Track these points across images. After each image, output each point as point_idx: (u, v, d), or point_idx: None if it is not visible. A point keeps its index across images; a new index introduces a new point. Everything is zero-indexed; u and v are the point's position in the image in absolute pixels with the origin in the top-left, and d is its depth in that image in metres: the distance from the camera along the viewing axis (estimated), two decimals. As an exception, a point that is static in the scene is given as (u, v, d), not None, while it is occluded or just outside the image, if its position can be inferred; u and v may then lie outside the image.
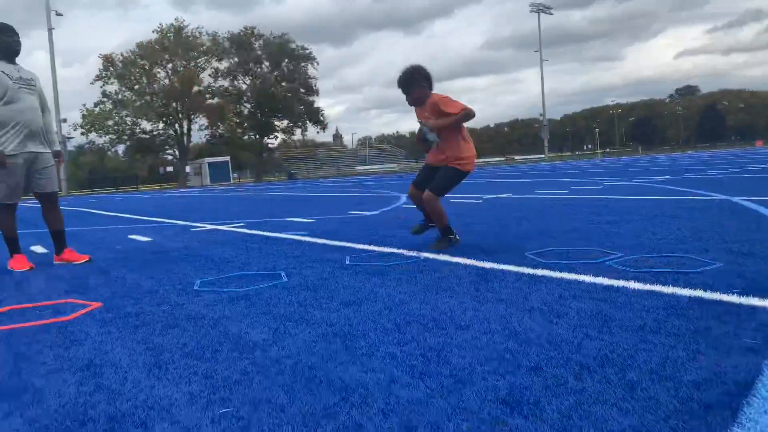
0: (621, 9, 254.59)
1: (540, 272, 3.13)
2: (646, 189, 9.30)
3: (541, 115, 60.94)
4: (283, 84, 55.83)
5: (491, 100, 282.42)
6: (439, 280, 3.12)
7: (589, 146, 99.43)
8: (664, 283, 2.71)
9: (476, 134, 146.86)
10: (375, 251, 4.26)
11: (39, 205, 4.77)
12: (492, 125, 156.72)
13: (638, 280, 2.81)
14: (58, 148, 4.80)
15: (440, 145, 4.13)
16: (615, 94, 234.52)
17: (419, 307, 2.56)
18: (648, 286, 2.67)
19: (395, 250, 4.20)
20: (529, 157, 75.39)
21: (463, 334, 2.13)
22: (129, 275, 3.91)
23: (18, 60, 4.58)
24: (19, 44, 4.49)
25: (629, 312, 2.29)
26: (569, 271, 3.10)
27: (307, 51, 57.61)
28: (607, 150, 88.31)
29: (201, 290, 3.24)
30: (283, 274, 3.56)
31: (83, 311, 2.87)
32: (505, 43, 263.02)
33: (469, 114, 4.02)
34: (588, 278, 2.91)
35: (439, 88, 4.31)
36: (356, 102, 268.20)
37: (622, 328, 2.09)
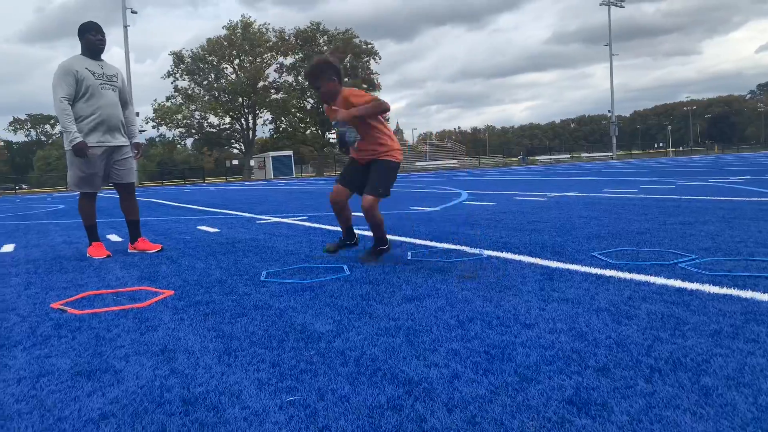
0: (698, 1, 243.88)
1: (608, 273, 3.05)
2: (723, 190, 8.88)
3: (609, 111, 59.00)
4: (346, 79, 56.34)
5: (557, 95, 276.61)
6: (502, 278, 3.09)
7: (661, 144, 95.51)
8: (743, 288, 2.59)
9: (540, 130, 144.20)
10: (437, 247, 4.26)
11: (112, 196, 5.00)
12: (558, 121, 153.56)
13: (714, 283, 2.70)
14: (138, 140, 5.01)
15: (362, 142, 3.76)
16: (689, 90, 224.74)
17: (482, 305, 2.54)
18: (725, 290, 2.56)
19: (457, 247, 4.18)
20: (596, 154, 73.22)
21: (527, 333, 2.10)
22: (198, 264, 4.05)
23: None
24: (103, 42, 4.70)
25: (704, 316, 2.20)
26: (639, 273, 3.01)
27: (370, 46, 57.95)
28: (680, 148, 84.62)
29: (267, 281, 3.33)
30: (345, 267, 3.61)
31: (157, 299, 3.00)
32: (572, 38, 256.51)
33: (381, 105, 3.64)
34: (659, 280, 2.82)
35: (502, 83, 4.25)
36: (417, 97, 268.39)
37: (696, 332, 2.01)
